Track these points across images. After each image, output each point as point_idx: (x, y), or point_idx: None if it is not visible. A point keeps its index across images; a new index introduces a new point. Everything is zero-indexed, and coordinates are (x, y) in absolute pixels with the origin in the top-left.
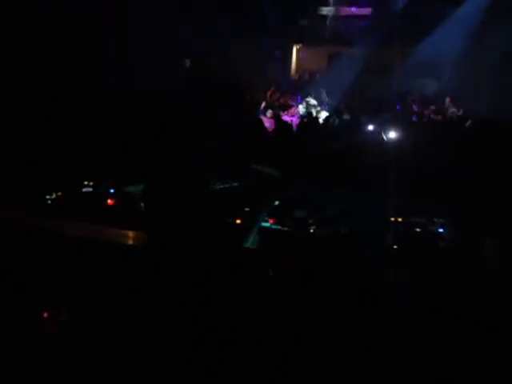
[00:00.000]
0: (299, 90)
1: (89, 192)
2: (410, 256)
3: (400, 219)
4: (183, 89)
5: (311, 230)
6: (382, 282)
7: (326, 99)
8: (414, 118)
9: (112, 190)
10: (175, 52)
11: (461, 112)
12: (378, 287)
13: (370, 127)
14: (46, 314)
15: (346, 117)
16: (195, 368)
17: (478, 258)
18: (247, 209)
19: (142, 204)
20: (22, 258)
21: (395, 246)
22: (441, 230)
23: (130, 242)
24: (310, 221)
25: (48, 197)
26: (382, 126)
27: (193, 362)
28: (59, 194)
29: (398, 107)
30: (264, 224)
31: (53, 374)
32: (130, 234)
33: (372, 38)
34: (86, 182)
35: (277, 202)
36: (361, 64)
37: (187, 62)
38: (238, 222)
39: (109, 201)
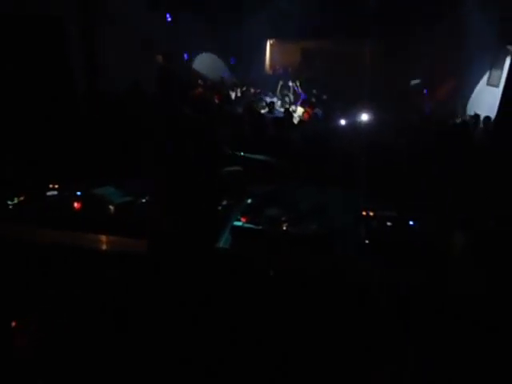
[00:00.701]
0: (272, 85)
1: (54, 195)
2: (381, 250)
3: (371, 213)
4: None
5: (283, 228)
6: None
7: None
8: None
9: (79, 193)
10: (147, 50)
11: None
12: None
13: (343, 122)
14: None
15: (318, 112)
16: (194, 369)
17: (450, 250)
18: (224, 202)
19: (111, 207)
20: None
21: (367, 241)
22: (411, 223)
23: (103, 247)
24: (283, 218)
25: (9, 202)
26: (355, 121)
27: (191, 363)
28: (21, 198)
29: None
30: (236, 223)
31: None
32: (102, 238)
33: (343, 32)
34: (50, 185)
35: (249, 200)
36: (332, 58)
37: (159, 59)
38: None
39: (75, 204)
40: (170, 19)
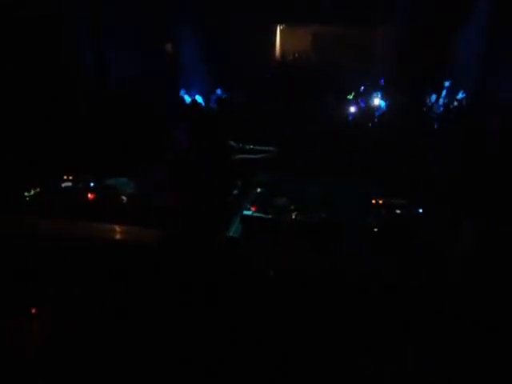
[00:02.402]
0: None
1: (68, 187)
2: (390, 237)
3: (381, 201)
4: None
5: (293, 217)
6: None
7: None
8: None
9: (92, 184)
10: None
11: None
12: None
13: (352, 109)
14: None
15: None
16: (194, 368)
17: (454, 238)
18: (235, 192)
19: (125, 197)
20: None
21: (376, 229)
22: (420, 211)
23: (117, 236)
24: (292, 207)
25: (26, 194)
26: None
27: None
28: (37, 190)
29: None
30: (246, 212)
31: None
32: (117, 228)
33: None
34: (65, 177)
35: (258, 190)
36: (343, 43)
37: (169, 47)
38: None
39: (89, 195)
40: None
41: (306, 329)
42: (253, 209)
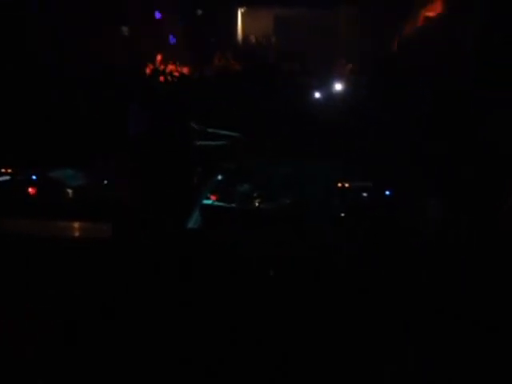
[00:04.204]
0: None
1: (5, 181)
2: (358, 221)
3: (347, 185)
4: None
5: (256, 205)
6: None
7: None
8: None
9: (34, 177)
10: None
11: None
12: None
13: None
14: None
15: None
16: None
17: (423, 219)
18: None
19: (70, 191)
20: None
21: (343, 214)
22: (387, 193)
23: (63, 233)
24: (255, 195)
25: None
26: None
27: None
28: None
29: None
30: (206, 201)
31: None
32: (61, 225)
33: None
34: (2, 170)
35: (219, 177)
36: (306, 27)
37: (125, 31)
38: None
39: (30, 189)
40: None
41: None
42: (213, 198)
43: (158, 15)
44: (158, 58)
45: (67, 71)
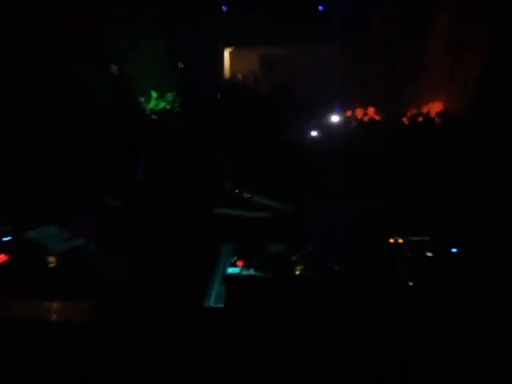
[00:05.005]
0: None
1: None
2: (433, 294)
3: (400, 240)
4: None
5: (297, 272)
6: None
7: None
8: None
9: (6, 239)
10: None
11: None
12: None
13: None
14: None
15: None
16: None
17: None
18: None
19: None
20: None
21: (411, 283)
22: (454, 250)
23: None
24: (294, 258)
25: None
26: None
27: None
28: None
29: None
30: (231, 270)
31: None
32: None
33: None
34: None
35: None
36: (291, 63)
37: (114, 69)
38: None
39: (1, 256)
40: None
41: None
42: (239, 263)
43: None
44: None
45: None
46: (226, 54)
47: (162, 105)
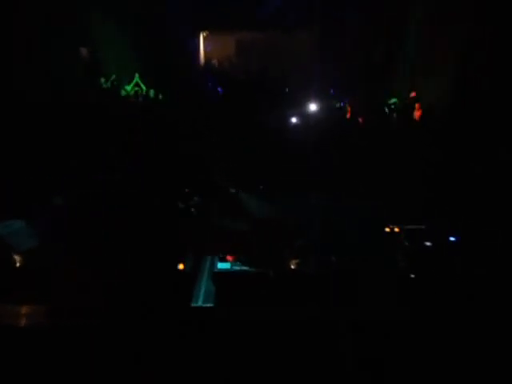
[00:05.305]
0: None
1: None
2: (429, 282)
3: (396, 229)
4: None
5: (292, 267)
6: None
7: None
8: None
9: None
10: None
11: None
12: None
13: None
14: None
15: None
16: None
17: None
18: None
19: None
20: None
21: (412, 275)
22: (452, 239)
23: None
24: (286, 251)
25: None
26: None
27: None
28: None
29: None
30: (221, 265)
31: None
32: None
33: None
34: None
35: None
36: (267, 50)
37: (84, 51)
38: (180, 267)
39: None
40: None
41: None
42: (229, 258)
43: None
44: None
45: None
46: (201, 39)
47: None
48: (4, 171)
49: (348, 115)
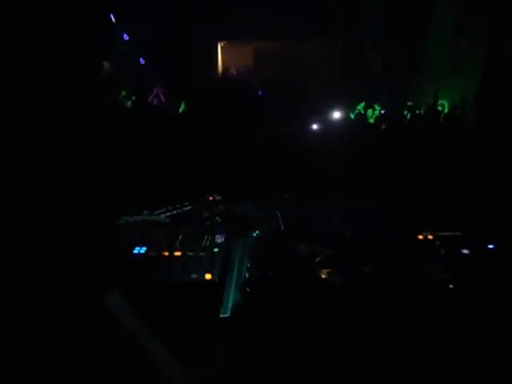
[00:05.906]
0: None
1: None
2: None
3: (430, 236)
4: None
5: (323, 277)
6: None
7: None
8: None
9: None
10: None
11: None
12: None
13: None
14: None
15: None
16: None
17: None
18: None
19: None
20: None
21: (451, 286)
22: (491, 247)
23: None
24: (318, 259)
25: None
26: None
27: None
28: None
29: None
30: (248, 275)
31: None
32: None
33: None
34: None
35: (254, 234)
36: (286, 59)
37: (106, 65)
38: (208, 277)
39: None
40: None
41: None
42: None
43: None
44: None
45: None
46: (219, 48)
47: None
48: (4, 171)
49: (371, 120)
